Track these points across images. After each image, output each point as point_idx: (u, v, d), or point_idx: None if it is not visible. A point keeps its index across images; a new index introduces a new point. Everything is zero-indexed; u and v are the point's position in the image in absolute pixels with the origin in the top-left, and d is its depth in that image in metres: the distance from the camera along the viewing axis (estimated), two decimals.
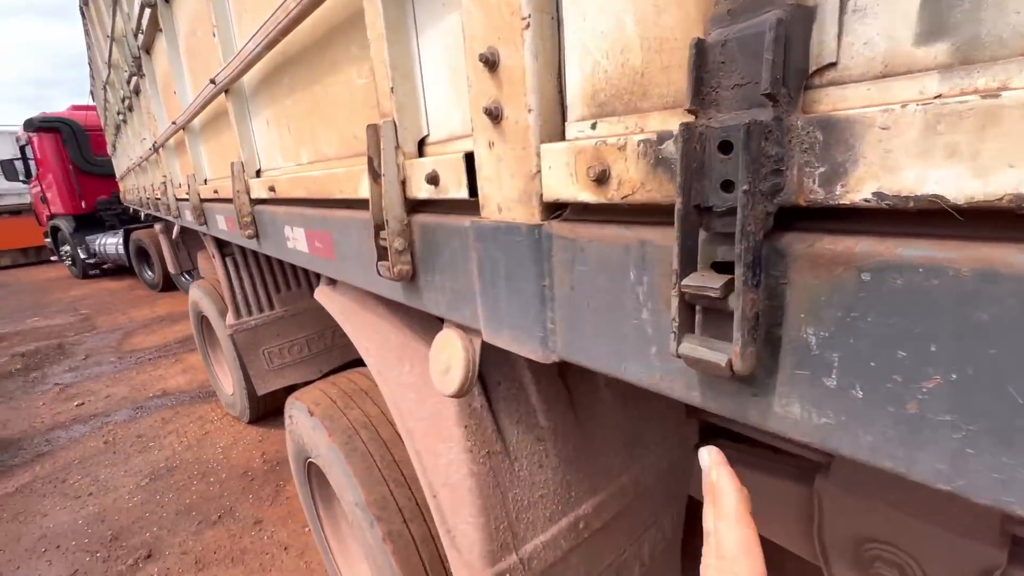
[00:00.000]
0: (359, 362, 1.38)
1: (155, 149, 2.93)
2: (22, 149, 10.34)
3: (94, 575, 2.24)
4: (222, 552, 2.31)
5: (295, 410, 1.59)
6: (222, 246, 2.80)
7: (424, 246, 0.77)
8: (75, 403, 4.15)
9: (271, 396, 3.29)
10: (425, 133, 0.77)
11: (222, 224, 2.20)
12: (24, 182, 10.78)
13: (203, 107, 1.71)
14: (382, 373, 0.97)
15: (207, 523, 2.51)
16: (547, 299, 0.56)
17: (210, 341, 3.75)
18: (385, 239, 0.78)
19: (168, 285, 8.19)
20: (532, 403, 0.97)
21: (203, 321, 3.61)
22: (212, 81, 1.44)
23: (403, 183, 0.76)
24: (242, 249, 2.84)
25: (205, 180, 2.60)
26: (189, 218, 2.47)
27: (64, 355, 5.50)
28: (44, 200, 10.42)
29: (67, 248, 10.51)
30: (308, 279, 2.94)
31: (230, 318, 2.72)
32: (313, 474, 1.83)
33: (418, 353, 0.94)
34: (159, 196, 3.44)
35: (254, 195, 1.43)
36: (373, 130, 0.75)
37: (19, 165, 10.45)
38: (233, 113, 1.50)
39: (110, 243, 9.24)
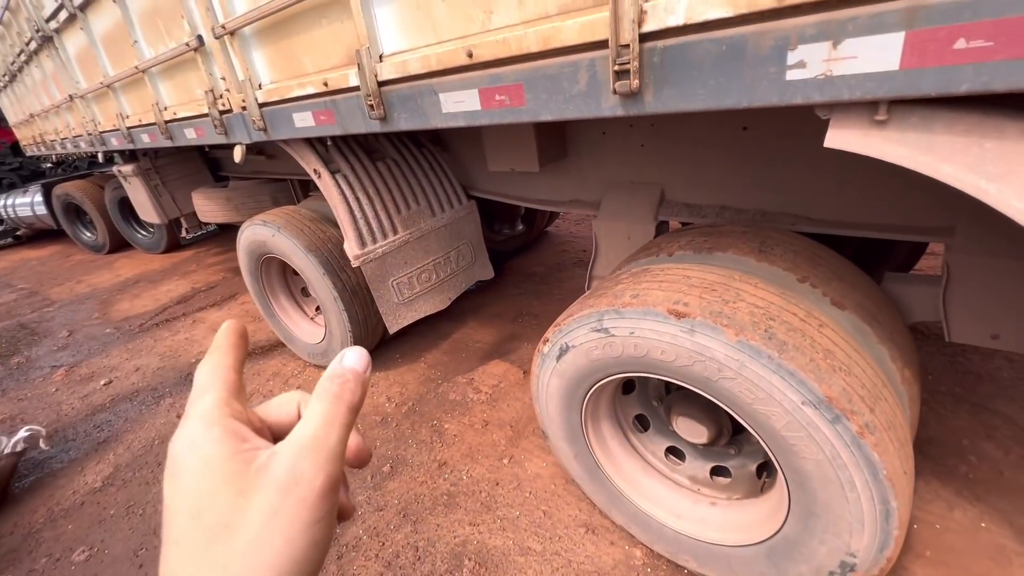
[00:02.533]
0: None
1: (196, 51, 2.22)
2: None
3: None
4: (425, 500, 2.07)
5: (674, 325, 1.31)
6: (326, 163, 2.27)
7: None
8: (100, 382, 3.51)
9: (370, 338, 2.92)
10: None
11: (307, 121, 1.95)
12: None
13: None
14: None
15: (381, 475, 2.24)
16: None
17: (269, 287, 3.21)
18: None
19: (117, 245, 7.03)
20: None
21: (263, 264, 3.06)
22: None
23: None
24: (351, 164, 2.32)
25: (260, 84, 2.10)
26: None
27: (37, 335, 4.62)
28: None
29: None
30: (427, 196, 2.49)
31: (353, 248, 2.27)
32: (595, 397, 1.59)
33: None
34: (183, 116, 2.71)
35: (383, 77, 1.51)
36: None
37: None
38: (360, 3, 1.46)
39: (22, 203, 7.68)
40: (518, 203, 2.51)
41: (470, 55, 1.27)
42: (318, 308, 3.27)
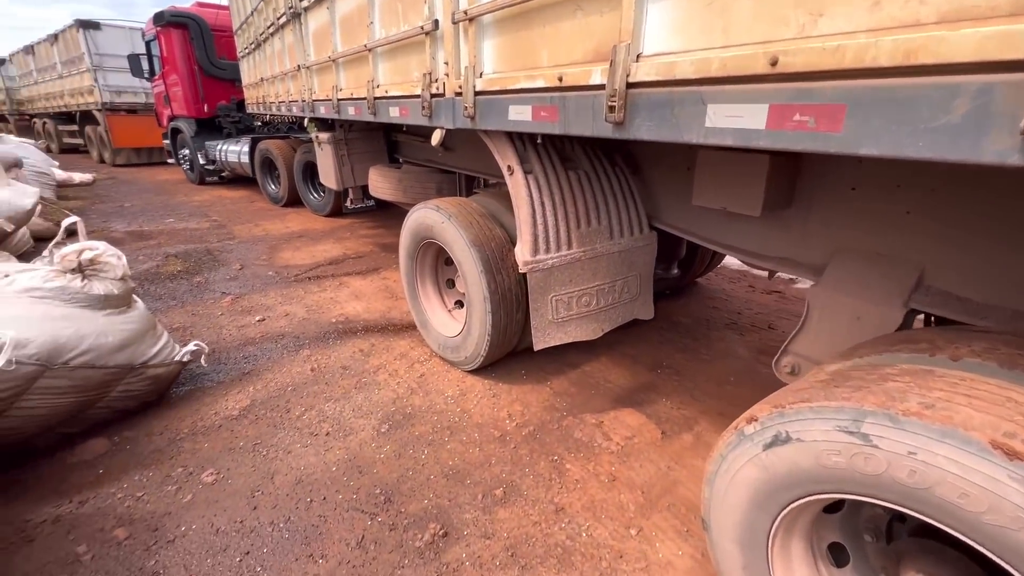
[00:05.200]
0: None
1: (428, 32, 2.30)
2: (147, 44, 10.15)
3: (386, 547, 1.84)
4: (537, 545, 1.85)
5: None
6: (522, 161, 2.20)
7: None
8: (255, 318, 3.85)
9: (504, 346, 2.80)
10: None
11: (524, 115, 1.87)
12: (148, 79, 10.67)
13: None
14: None
15: (492, 498, 2.07)
16: None
17: (420, 271, 3.26)
18: None
19: (292, 200, 7.92)
20: None
21: (422, 247, 3.10)
22: None
23: None
24: (544, 168, 2.23)
25: (481, 73, 2.08)
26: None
27: (217, 262, 5.28)
28: (167, 100, 10.30)
29: (186, 152, 10.46)
30: (610, 217, 2.32)
31: (525, 252, 2.16)
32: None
33: None
34: (393, 95, 2.86)
35: (635, 78, 1.36)
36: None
37: (144, 62, 10.30)
38: None
39: (232, 151, 9.04)
40: (711, 246, 2.23)
41: (774, 63, 1.05)
42: (458, 303, 3.25)
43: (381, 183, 4.50)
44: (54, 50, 14.26)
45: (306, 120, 5.21)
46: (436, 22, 2.31)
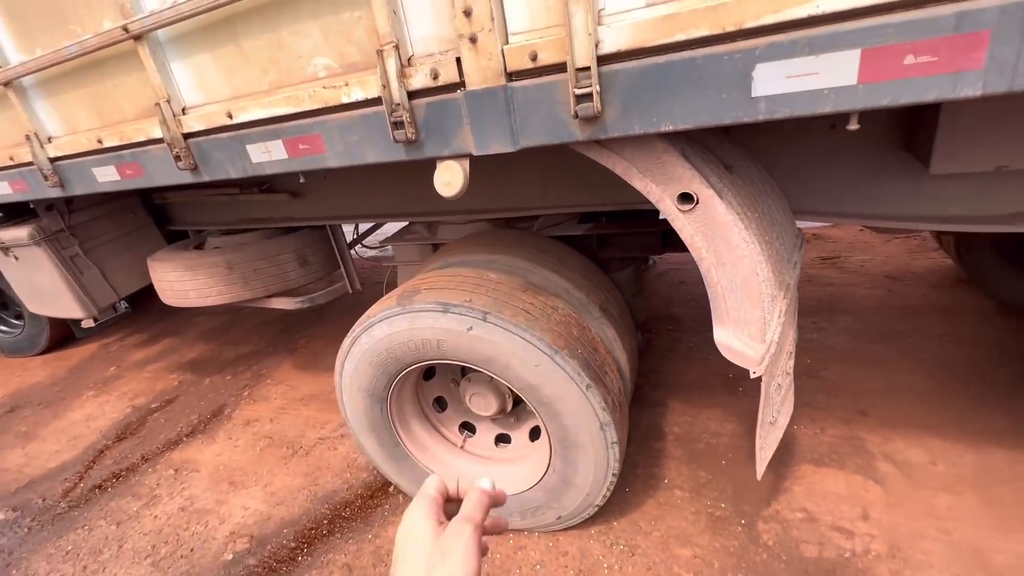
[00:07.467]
0: None
1: None
2: None
3: None
4: None
5: None
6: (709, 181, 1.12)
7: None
8: None
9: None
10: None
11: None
12: None
13: None
14: None
15: None
16: None
17: (399, 413, 1.83)
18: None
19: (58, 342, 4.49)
20: None
21: (401, 381, 1.70)
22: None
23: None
24: (722, 181, 1.19)
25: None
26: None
27: None
28: None
29: None
30: (776, 221, 1.44)
31: (756, 342, 1.14)
32: None
33: None
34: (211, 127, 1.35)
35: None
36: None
37: None
38: None
39: None
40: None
41: None
42: (464, 427, 1.96)
43: (189, 282, 2.58)
44: None
45: None
46: None
